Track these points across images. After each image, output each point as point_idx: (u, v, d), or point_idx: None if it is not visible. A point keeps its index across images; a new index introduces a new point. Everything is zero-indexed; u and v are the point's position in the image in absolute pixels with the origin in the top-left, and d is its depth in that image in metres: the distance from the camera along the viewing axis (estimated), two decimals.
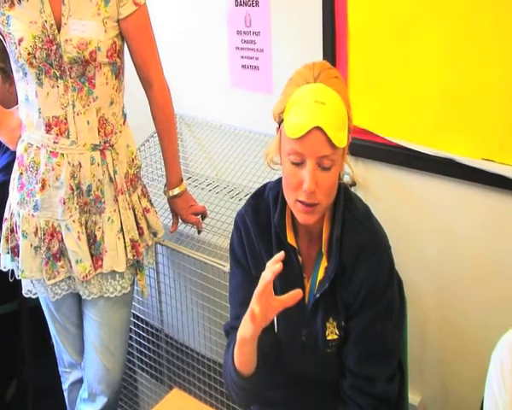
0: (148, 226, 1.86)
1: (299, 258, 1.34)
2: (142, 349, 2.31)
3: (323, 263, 1.32)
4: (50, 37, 1.57)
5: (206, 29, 2.21)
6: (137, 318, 2.30)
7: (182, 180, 1.91)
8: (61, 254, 1.72)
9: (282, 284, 1.34)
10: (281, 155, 1.27)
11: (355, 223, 1.31)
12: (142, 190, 1.85)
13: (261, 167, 2.01)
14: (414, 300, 1.40)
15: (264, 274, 1.15)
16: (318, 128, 1.16)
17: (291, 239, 1.33)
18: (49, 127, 1.64)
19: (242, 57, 2.13)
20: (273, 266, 1.13)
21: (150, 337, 2.27)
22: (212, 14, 2.16)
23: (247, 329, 1.20)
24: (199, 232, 1.99)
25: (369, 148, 1.75)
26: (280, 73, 2.01)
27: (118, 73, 1.70)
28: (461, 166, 1.64)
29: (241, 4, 2.06)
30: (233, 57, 2.15)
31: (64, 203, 1.67)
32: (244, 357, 1.27)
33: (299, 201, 1.22)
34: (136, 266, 1.82)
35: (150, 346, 2.29)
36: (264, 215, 1.37)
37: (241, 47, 2.12)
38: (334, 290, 1.31)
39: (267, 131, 2.09)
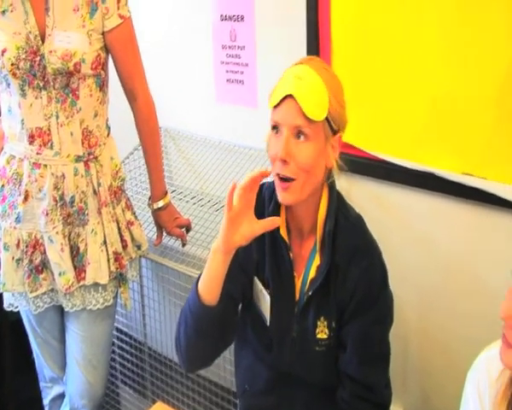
0: (132, 239, 1.86)
1: (291, 254, 1.35)
2: (125, 363, 2.30)
3: (316, 262, 1.34)
4: (34, 48, 1.57)
5: (192, 43, 2.22)
6: (120, 331, 2.29)
7: (166, 193, 1.91)
8: (44, 266, 1.71)
9: (274, 278, 1.36)
10: None
11: (348, 225, 1.33)
12: (126, 202, 1.85)
13: None
14: (396, 311, 1.41)
15: (251, 175, 1.18)
16: (291, 97, 1.21)
17: (283, 232, 1.34)
18: (32, 138, 1.64)
19: (227, 71, 2.14)
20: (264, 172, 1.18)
21: (133, 351, 2.26)
22: (197, 29, 2.18)
23: (219, 238, 1.22)
24: (183, 245, 1.98)
25: (351, 162, 1.75)
26: (265, 88, 1.98)
27: (102, 85, 1.70)
28: (441, 180, 1.66)
29: (226, 19, 2.08)
30: (218, 71, 2.16)
31: (47, 215, 1.66)
32: (210, 275, 1.25)
33: (277, 174, 1.25)
34: (119, 278, 1.82)
35: (133, 359, 2.27)
36: (258, 211, 1.37)
37: (226, 61, 2.13)
38: (328, 290, 1.32)
39: (252, 145, 2.10)
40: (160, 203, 1.89)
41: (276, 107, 1.24)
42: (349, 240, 1.32)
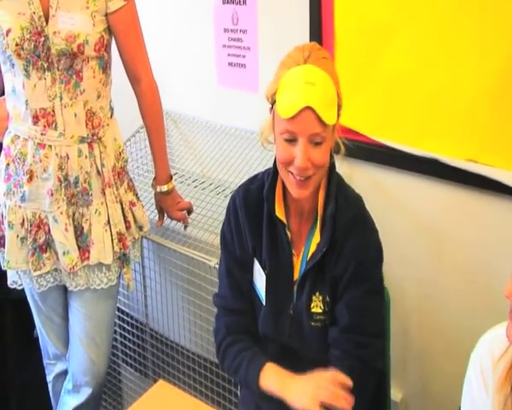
0: (135, 220, 1.87)
1: (288, 234, 1.38)
2: (127, 343, 2.32)
3: (315, 240, 1.36)
4: (38, 28, 1.58)
5: (194, 26, 2.22)
6: (122, 311, 2.31)
7: (171, 177, 1.92)
8: (48, 245, 1.73)
9: (271, 258, 1.39)
10: (274, 133, 1.33)
11: (346, 203, 1.37)
12: (128, 183, 1.86)
13: (247, 164, 2.03)
14: (397, 299, 1.42)
15: None
16: (309, 108, 1.22)
17: (280, 213, 1.37)
18: (36, 119, 1.65)
19: (229, 55, 2.14)
20: None
21: (135, 331, 2.28)
22: (199, 12, 2.17)
23: None
24: (185, 228, 2.00)
25: (353, 147, 1.77)
26: (266, 72, 1.99)
27: (105, 67, 1.71)
28: (445, 167, 1.66)
29: (228, 2, 2.08)
30: (220, 55, 2.16)
31: (52, 195, 1.67)
32: None
33: (291, 173, 1.28)
34: (122, 259, 1.84)
35: (135, 339, 2.29)
36: (255, 194, 1.42)
37: (228, 45, 2.13)
38: (323, 265, 1.35)
39: (253, 129, 2.10)
40: (164, 188, 1.90)
41: (290, 118, 1.23)
42: (346, 216, 1.36)
